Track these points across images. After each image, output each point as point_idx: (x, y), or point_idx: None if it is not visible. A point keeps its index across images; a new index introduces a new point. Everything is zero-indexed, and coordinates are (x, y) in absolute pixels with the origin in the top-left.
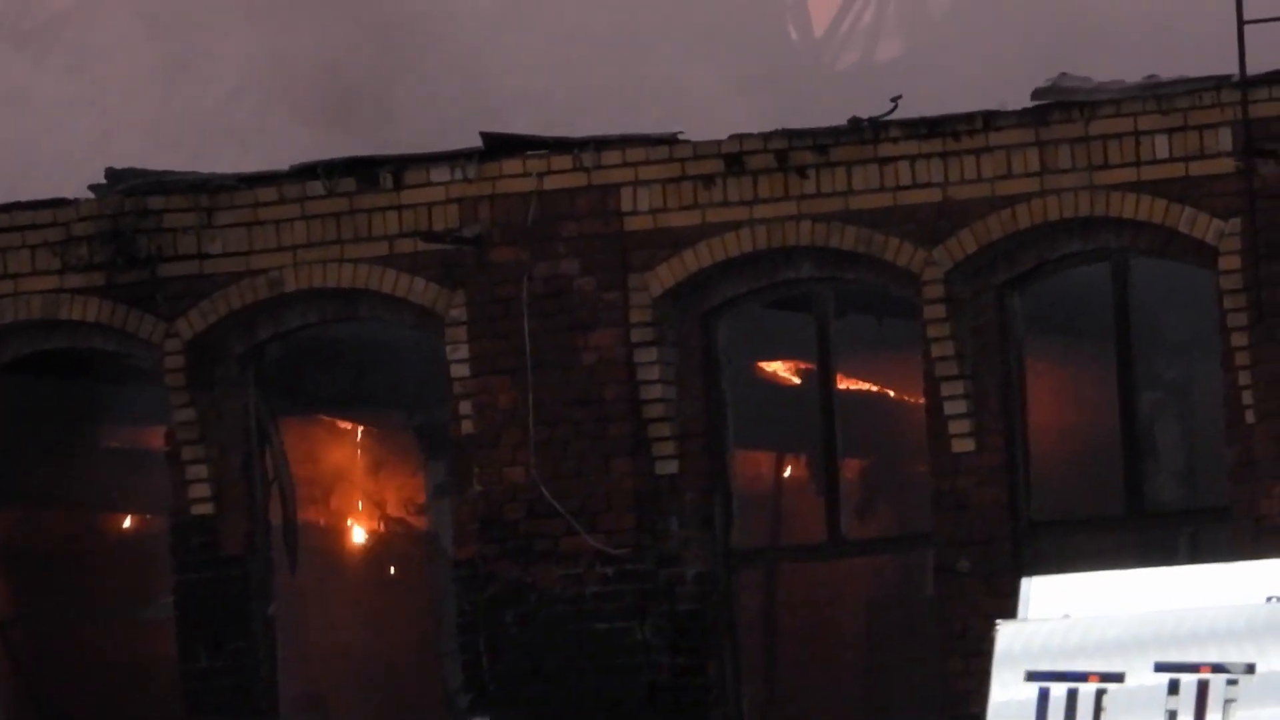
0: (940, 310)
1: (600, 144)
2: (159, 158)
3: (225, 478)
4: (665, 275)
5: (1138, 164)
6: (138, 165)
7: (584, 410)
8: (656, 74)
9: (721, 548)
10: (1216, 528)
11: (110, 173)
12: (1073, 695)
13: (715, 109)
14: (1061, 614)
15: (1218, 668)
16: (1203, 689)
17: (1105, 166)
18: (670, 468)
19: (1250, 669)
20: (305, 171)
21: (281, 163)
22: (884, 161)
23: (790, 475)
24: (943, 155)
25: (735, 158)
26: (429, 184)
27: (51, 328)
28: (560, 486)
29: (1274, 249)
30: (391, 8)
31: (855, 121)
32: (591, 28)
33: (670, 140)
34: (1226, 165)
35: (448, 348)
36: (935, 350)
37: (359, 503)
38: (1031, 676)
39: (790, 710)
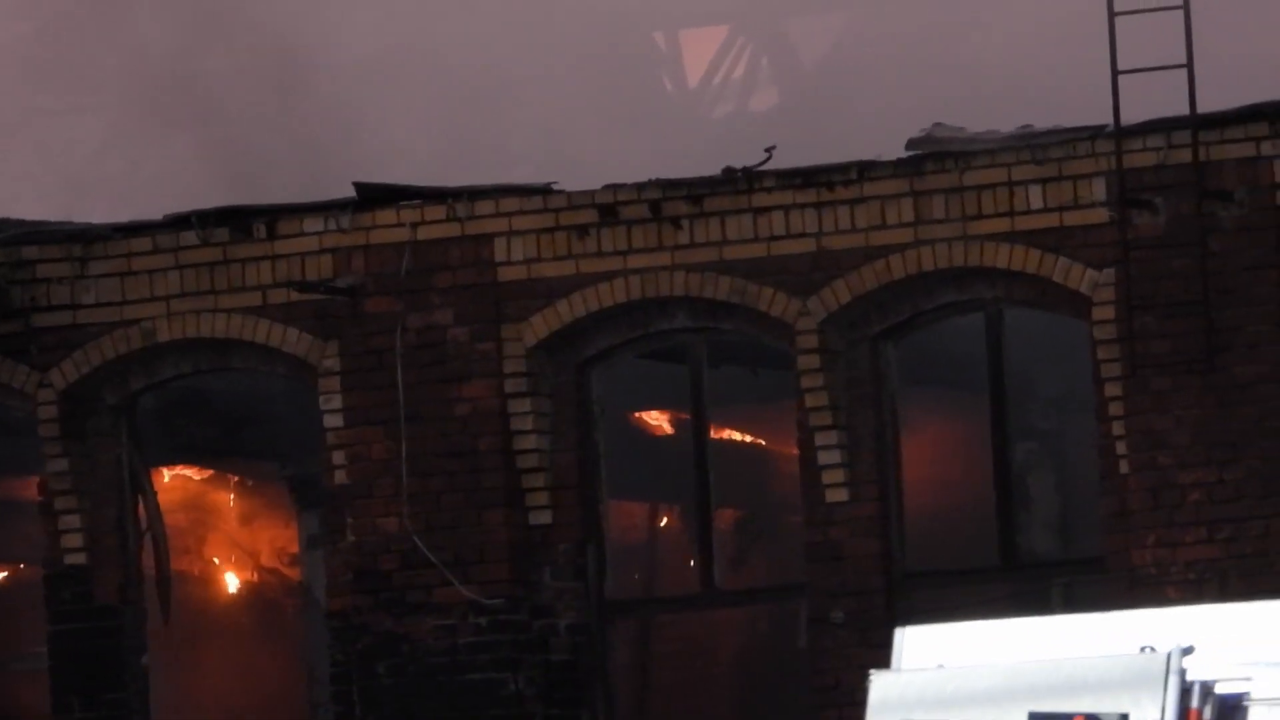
0: (814, 360)
1: (474, 194)
2: (32, 208)
3: (98, 528)
4: (539, 326)
5: (1012, 214)
6: (11, 215)
7: (458, 461)
8: (530, 124)
9: (595, 598)
10: (1090, 579)
11: None
12: None
13: (589, 159)
14: (935, 664)
15: (1091, 718)
16: None
17: (979, 217)
18: (544, 518)
19: (1124, 719)
20: (179, 221)
21: (155, 213)
22: (758, 211)
23: (664, 526)
24: (817, 205)
25: (609, 208)
26: (302, 234)
27: None
28: (434, 537)
29: (1148, 300)
30: (269, 60)
31: (729, 171)
32: (465, 77)
33: (544, 190)
34: (1101, 215)
35: (321, 398)
36: (809, 400)
37: (232, 553)
38: None
39: None
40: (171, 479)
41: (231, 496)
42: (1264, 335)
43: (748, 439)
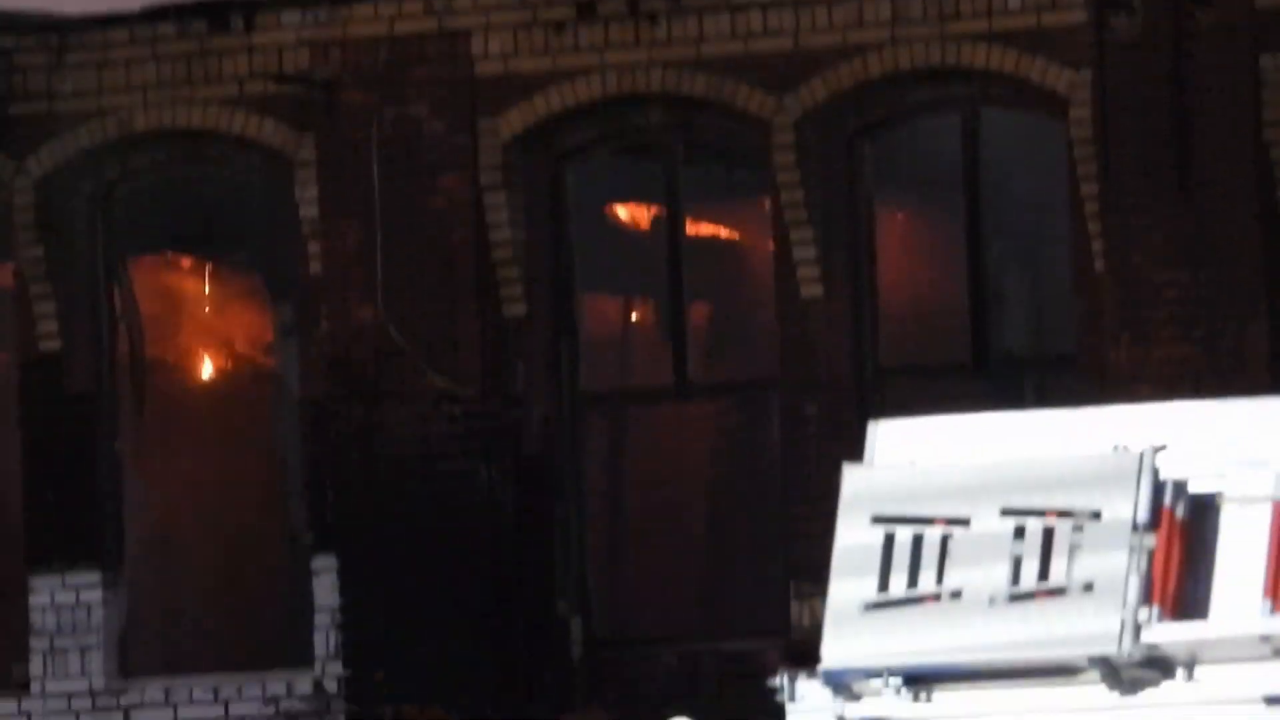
0: (789, 158)
1: None
2: None
3: (72, 316)
4: (515, 120)
5: (989, 14)
6: None
7: (432, 254)
8: None
9: (568, 390)
10: (1063, 376)
11: None
12: (918, 539)
13: None
14: (909, 459)
15: (1064, 513)
16: (1048, 534)
17: (957, 17)
18: (518, 310)
19: (1096, 515)
20: (157, 14)
21: (133, 4)
22: (736, 9)
23: (637, 319)
24: (794, 4)
25: (587, 4)
26: (280, 27)
27: None
28: (407, 328)
29: (1124, 102)
30: None
31: None
32: None
33: None
34: (1079, 16)
35: (297, 189)
36: (784, 197)
37: (207, 342)
38: (877, 520)
39: (634, 554)
40: (147, 268)
41: (206, 285)
42: (1238, 137)
43: (722, 234)
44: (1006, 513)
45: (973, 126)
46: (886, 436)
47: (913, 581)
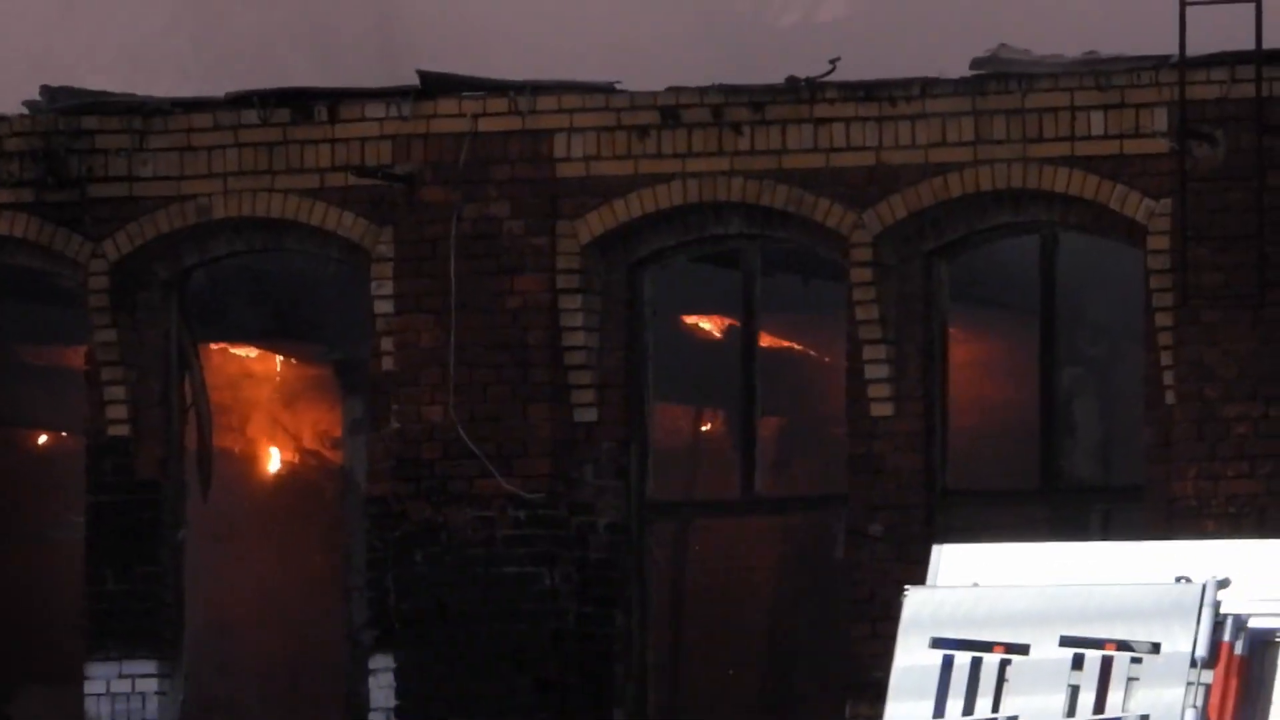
0: (867, 274)
1: (536, 89)
2: (95, 79)
3: (142, 401)
4: (595, 223)
5: (1072, 139)
6: (73, 84)
7: (505, 354)
8: (596, 22)
9: (636, 499)
10: (1129, 507)
11: (45, 90)
12: (977, 664)
13: (653, 61)
14: (971, 582)
15: (1123, 645)
16: (1106, 665)
17: (1040, 140)
18: (589, 415)
19: (1155, 648)
20: (240, 100)
21: (217, 91)
22: (819, 122)
23: (708, 430)
24: (878, 119)
25: (671, 110)
26: (363, 119)
27: None
28: (478, 429)
29: (1202, 232)
30: None
31: (792, 81)
32: None
33: (607, 89)
34: (1160, 145)
35: (373, 283)
36: (859, 313)
37: (275, 434)
38: (937, 643)
39: (695, 666)
40: (218, 356)
41: (277, 377)
42: None
43: (796, 348)
44: (1065, 642)
45: (1050, 250)
46: (950, 559)
47: (969, 707)
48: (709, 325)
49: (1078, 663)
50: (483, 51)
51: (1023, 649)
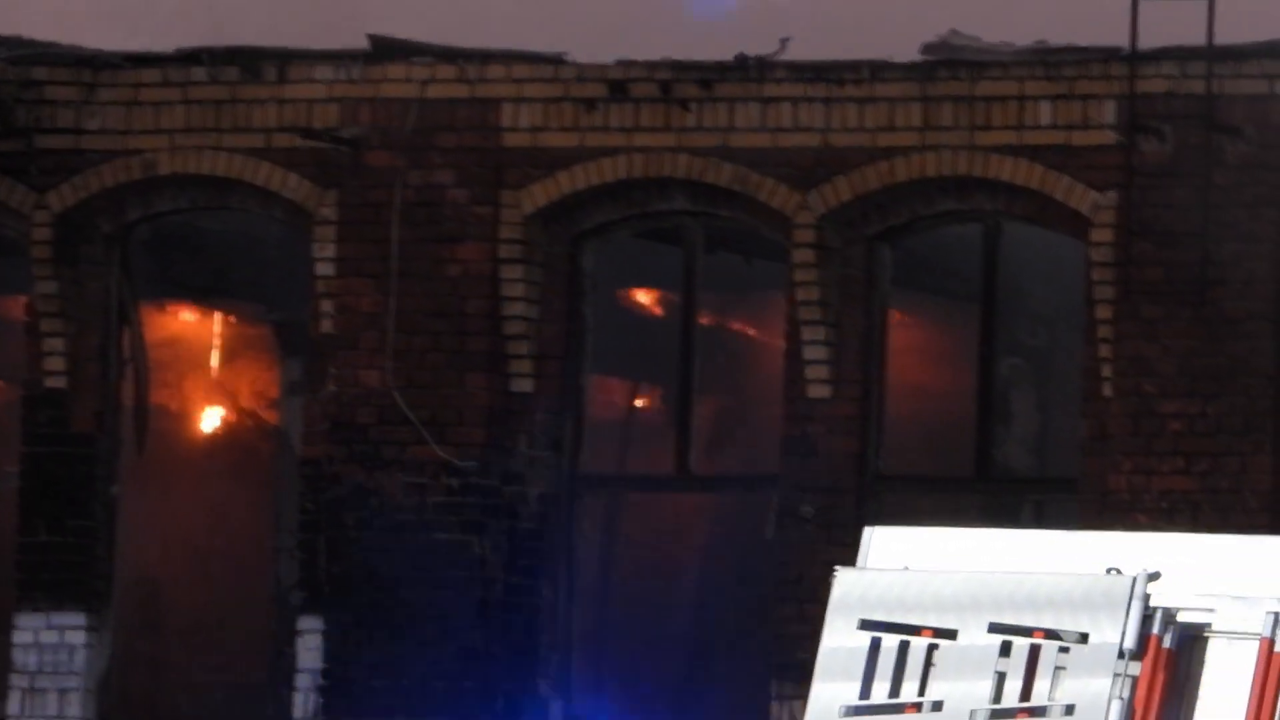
0: (809, 255)
1: (486, 57)
2: (44, 29)
3: (81, 354)
4: (539, 194)
5: (1020, 128)
6: (23, 34)
7: (444, 321)
8: None
9: (568, 471)
10: (1063, 498)
11: None
12: (904, 647)
13: (603, 33)
14: (901, 566)
15: (1051, 634)
16: (1034, 654)
17: (987, 128)
18: (525, 386)
19: (1084, 638)
20: (190, 57)
21: (168, 45)
22: (766, 101)
23: (644, 405)
24: (826, 101)
25: (619, 84)
26: (312, 80)
27: None
28: (414, 395)
29: (1147, 226)
30: None
31: (742, 58)
32: None
33: (556, 60)
34: (1108, 138)
35: (315, 246)
36: (800, 295)
37: (212, 392)
38: (865, 625)
39: (620, 640)
40: (159, 313)
41: (217, 335)
42: (1258, 273)
43: (735, 327)
44: (994, 628)
45: (994, 238)
46: (881, 543)
47: (895, 690)
48: (649, 301)
49: (1005, 650)
50: (434, 17)
51: (951, 634)
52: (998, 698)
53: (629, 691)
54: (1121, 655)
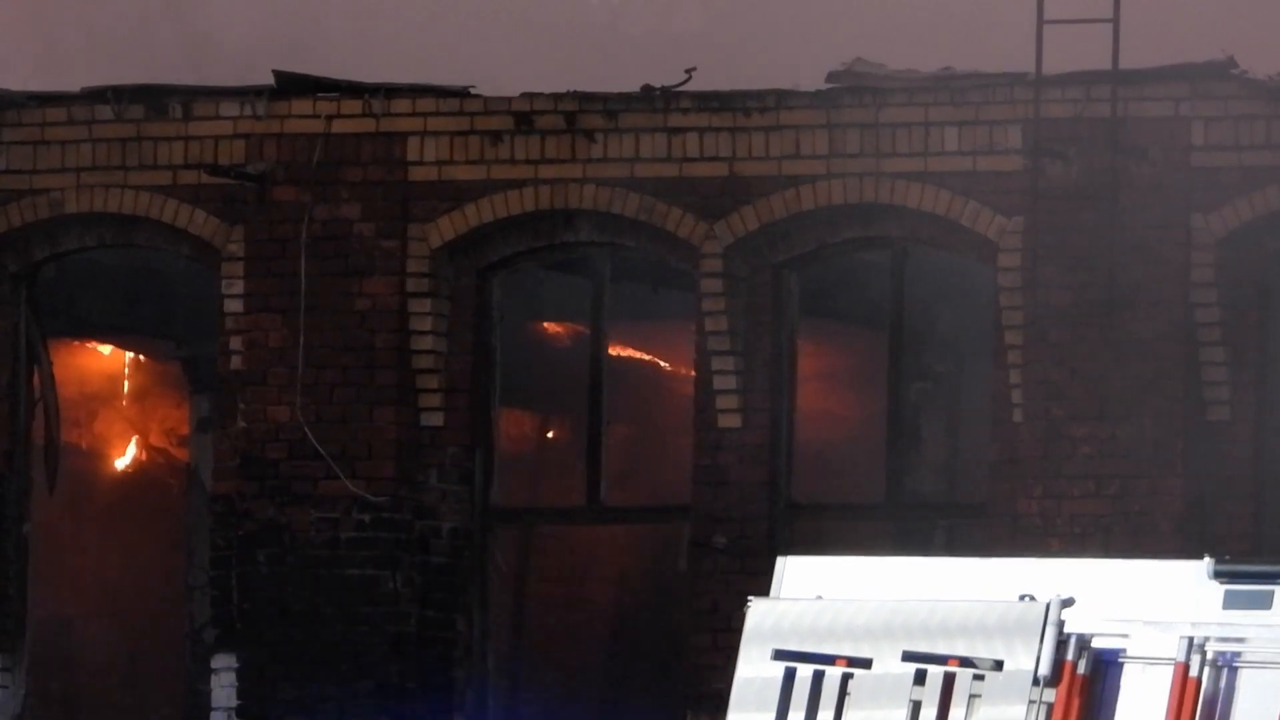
0: (717, 285)
1: (391, 91)
2: None
3: None
4: (445, 228)
5: (925, 154)
6: None
7: (353, 356)
8: (449, 25)
9: (480, 504)
10: (974, 523)
11: None
12: (819, 677)
13: (507, 66)
14: (815, 595)
15: (966, 662)
16: (949, 682)
17: (893, 154)
18: (435, 420)
19: (998, 665)
20: (95, 95)
21: (72, 85)
22: (673, 132)
23: (554, 437)
24: (732, 130)
25: (525, 116)
26: (218, 117)
27: None
28: (324, 430)
29: (1054, 251)
30: None
31: (647, 90)
32: None
33: (461, 94)
34: (1014, 163)
35: (223, 282)
36: (708, 324)
37: (122, 430)
38: (779, 655)
39: (535, 672)
40: (67, 351)
41: (126, 372)
42: (1165, 295)
43: (644, 357)
44: (908, 657)
45: (901, 265)
46: (794, 572)
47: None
48: (558, 332)
49: (920, 678)
50: (338, 53)
51: (865, 663)
52: None
53: None
54: (1036, 682)
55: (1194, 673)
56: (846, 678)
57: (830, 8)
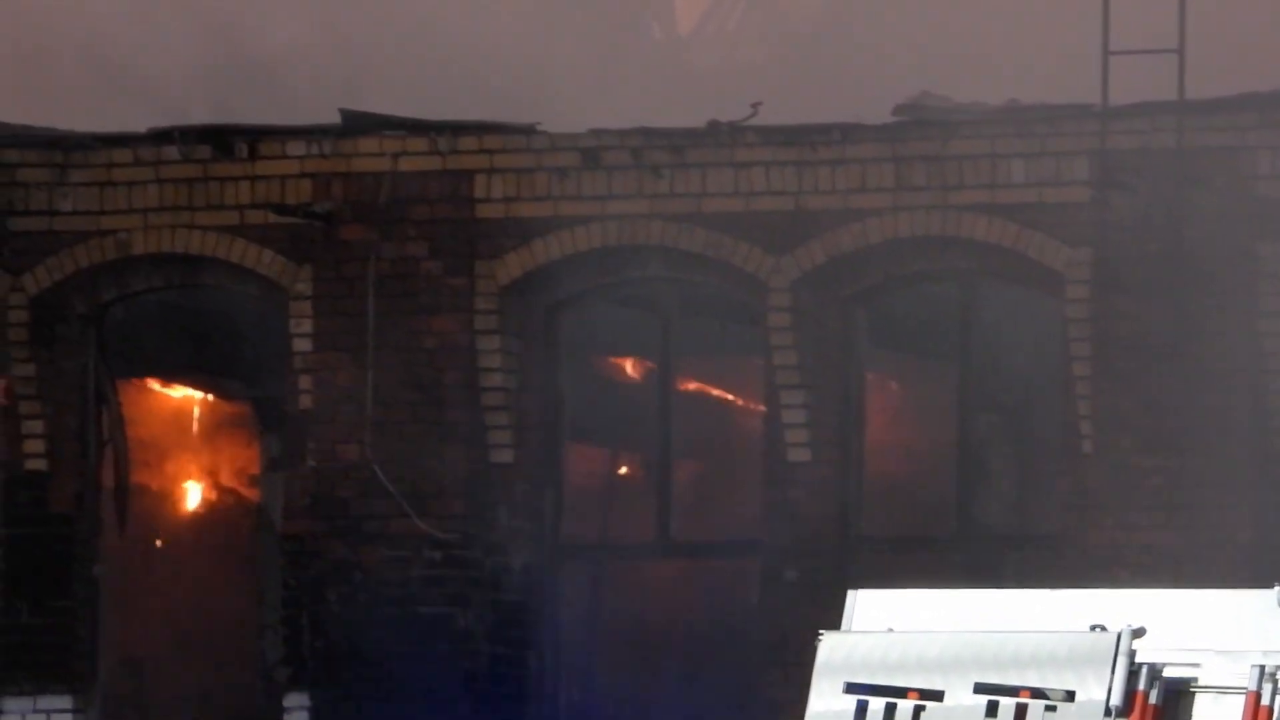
0: (785, 319)
1: (458, 129)
2: (16, 111)
3: (60, 435)
4: (513, 265)
5: (992, 186)
6: None
7: (422, 394)
8: (516, 62)
9: (550, 541)
10: (1044, 555)
11: None
12: (891, 709)
13: (574, 102)
14: (885, 628)
15: (1037, 693)
16: (1021, 713)
17: (960, 187)
18: (504, 457)
19: (1070, 696)
20: (161, 136)
21: (139, 125)
22: (739, 166)
23: (624, 473)
24: (798, 164)
25: (592, 152)
26: (284, 157)
27: None
28: (393, 468)
29: (1121, 281)
30: None
31: (713, 124)
32: (451, 8)
33: (528, 131)
34: (1081, 194)
35: (291, 321)
36: (777, 359)
37: (192, 470)
38: (851, 689)
39: (607, 708)
40: (136, 392)
41: (195, 413)
42: (1232, 325)
43: (713, 392)
44: (980, 689)
45: (969, 297)
46: (865, 605)
47: None
48: (626, 368)
49: (992, 710)
50: (404, 91)
51: (937, 695)
52: None
53: None
54: (1108, 712)
55: (1265, 701)
56: (919, 710)
57: (896, 41)
